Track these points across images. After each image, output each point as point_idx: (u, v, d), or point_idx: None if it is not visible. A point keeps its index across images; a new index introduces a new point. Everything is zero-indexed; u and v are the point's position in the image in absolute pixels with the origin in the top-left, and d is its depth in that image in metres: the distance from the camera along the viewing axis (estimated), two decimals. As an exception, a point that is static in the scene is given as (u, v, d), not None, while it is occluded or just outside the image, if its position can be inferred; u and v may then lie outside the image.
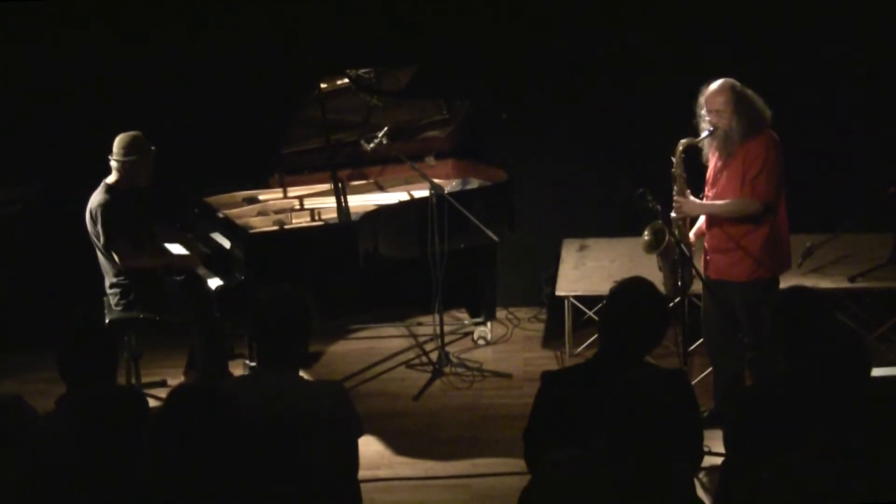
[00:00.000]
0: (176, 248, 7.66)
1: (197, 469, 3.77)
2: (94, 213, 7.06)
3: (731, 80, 6.32)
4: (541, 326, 8.73)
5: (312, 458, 4.25)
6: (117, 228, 7.05)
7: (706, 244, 6.60)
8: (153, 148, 7.16)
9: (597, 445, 3.79)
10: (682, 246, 6.37)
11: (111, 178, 7.13)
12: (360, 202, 7.79)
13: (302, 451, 4.24)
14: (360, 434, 4.55)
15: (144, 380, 7.55)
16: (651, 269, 6.61)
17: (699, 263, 6.55)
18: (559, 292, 7.94)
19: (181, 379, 7.51)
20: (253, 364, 7.36)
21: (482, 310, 8.47)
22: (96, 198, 7.10)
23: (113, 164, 7.10)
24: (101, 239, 7.04)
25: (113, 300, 7.22)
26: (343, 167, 7.96)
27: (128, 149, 7.06)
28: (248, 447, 3.95)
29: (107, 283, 7.23)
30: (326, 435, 4.32)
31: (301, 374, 4.58)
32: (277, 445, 4.21)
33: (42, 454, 4.34)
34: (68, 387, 4.58)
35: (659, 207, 6.35)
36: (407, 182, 8.23)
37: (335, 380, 7.12)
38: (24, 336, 8.24)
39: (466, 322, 8.67)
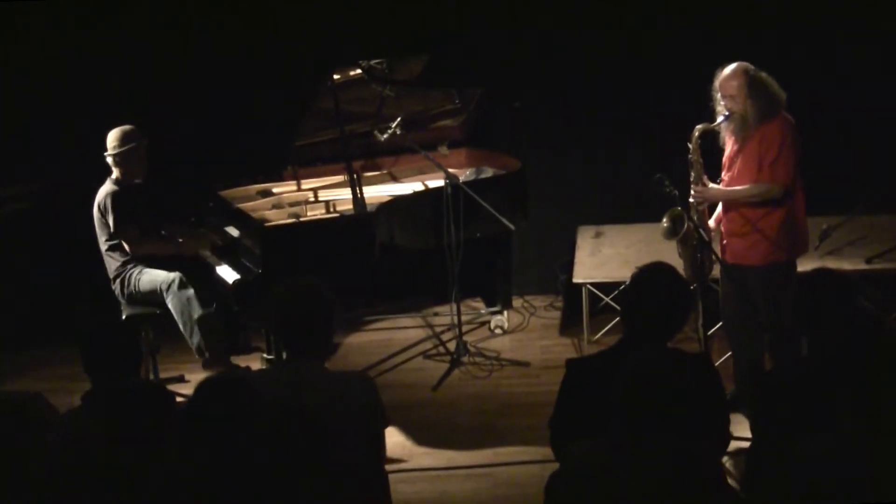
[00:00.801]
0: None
1: (226, 462, 3.79)
2: (102, 203, 7.28)
3: (744, 65, 6.34)
4: (557, 314, 8.77)
5: (341, 449, 4.28)
6: (126, 217, 7.25)
7: (722, 228, 6.63)
8: (145, 139, 7.30)
9: (619, 432, 3.83)
10: (701, 231, 6.40)
11: (115, 174, 7.34)
12: (375, 193, 7.82)
13: (331, 442, 4.27)
14: (386, 424, 4.60)
15: (162, 375, 7.60)
16: (667, 255, 6.60)
17: (718, 249, 6.58)
18: (576, 279, 7.96)
19: (199, 374, 7.53)
20: (270, 357, 7.41)
21: (498, 299, 8.50)
22: (104, 189, 7.33)
23: (108, 160, 7.28)
24: (111, 227, 7.22)
25: (116, 291, 7.34)
26: (357, 158, 7.99)
27: (119, 140, 7.27)
28: (276, 439, 3.98)
29: (111, 277, 7.36)
30: (355, 426, 4.36)
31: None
32: (306, 437, 4.24)
33: (68, 451, 4.37)
34: (94, 382, 4.60)
35: (676, 192, 6.36)
36: (421, 172, 8.25)
37: (361, 371, 7.16)
38: (34, 334, 8.29)
39: (483, 311, 8.70)
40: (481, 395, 7.45)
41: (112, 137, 7.28)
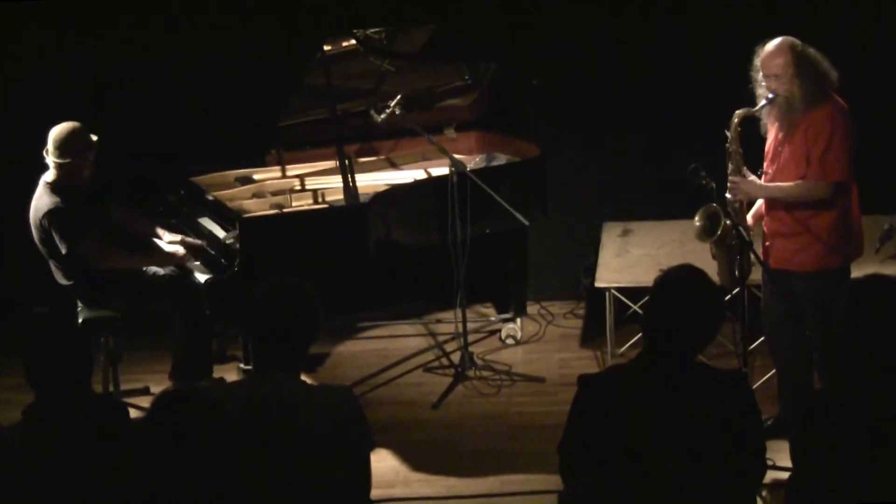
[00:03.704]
0: (162, 245, 7.64)
1: (186, 487, 3.79)
2: (43, 222, 7.07)
3: (790, 39, 6.32)
4: (578, 323, 8.76)
5: (318, 475, 4.28)
6: (77, 231, 7.08)
7: (765, 228, 6.60)
8: (95, 140, 7.14)
9: (633, 461, 3.83)
10: (741, 229, 6.38)
11: (50, 176, 7.13)
12: (371, 181, 7.84)
13: (305, 466, 4.27)
14: (372, 448, 4.58)
15: (124, 386, 7.58)
16: (703, 257, 6.62)
17: (758, 251, 6.56)
18: (599, 284, 7.95)
19: (166, 385, 7.55)
20: (248, 368, 7.41)
21: (511, 304, 8.49)
22: (42, 201, 7.10)
23: (49, 163, 7.11)
24: (63, 248, 7.06)
25: (80, 303, 7.31)
26: (351, 141, 8.00)
27: (67, 147, 7.05)
28: (243, 461, 3.97)
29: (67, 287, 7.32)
30: (334, 448, 4.35)
31: (303, 378, 4.62)
32: (277, 460, 4.24)
33: (7, 471, 4.37)
34: (37, 395, 4.59)
35: (714, 185, 6.35)
36: (424, 158, 8.27)
37: (343, 385, 7.14)
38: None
39: (493, 318, 8.70)
40: (489, 415, 7.46)
41: (55, 141, 7.02)
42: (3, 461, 4.40)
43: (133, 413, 5.21)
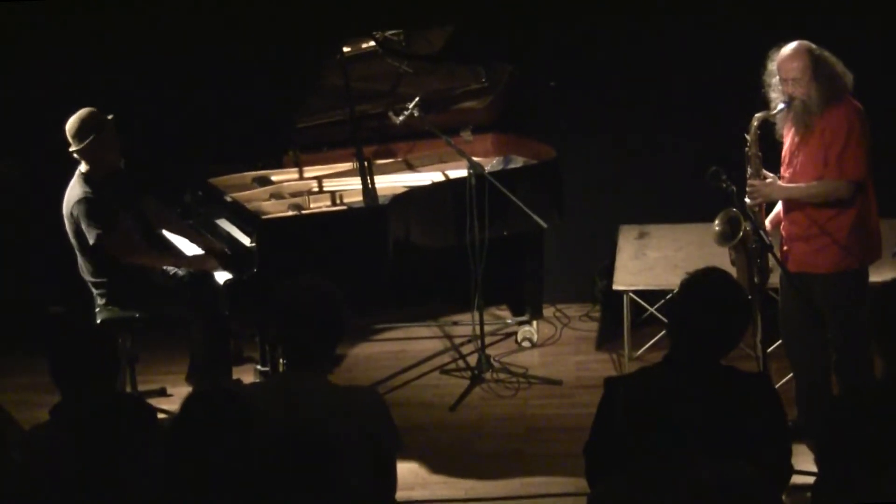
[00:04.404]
0: (183, 245, 7.68)
1: (216, 486, 3.82)
2: (73, 210, 7.10)
3: (806, 43, 6.33)
4: (594, 326, 8.79)
5: (345, 475, 4.28)
6: (105, 224, 7.09)
7: (783, 232, 6.62)
8: (110, 117, 7.16)
9: (658, 463, 3.85)
10: (761, 233, 6.38)
11: (84, 167, 7.18)
12: (389, 183, 7.86)
13: (333, 466, 4.27)
14: (400, 449, 4.62)
15: (141, 388, 7.61)
16: (721, 260, 6.60)
17: (777, 255, 6.57)
18: (616, 286, 7.95)
19: (183, 387, 7.57)
20: (265, 369, 7.43)
21: (527, 307, 8.52)
22: (74, 192, 7.14)
23: (75, 156, 7.15)
24: (91, 238, 7.07)
25: (101, 301, 7.30)
26: (369, 143, 8.01)
27: (78, 133, 7.09)
28: (272, 461, 3.99)
29: (90, 285, 7.32)
30: (363, 449, 4.38)
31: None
32: (305, 459, 4.25)
33: (36, 470, 4.40)
34: (64, 395, 4.63)
35: (734, 189, 6.34)
36: (441, 160, 8.28)
37: (369, 385, 7.17)
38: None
39: (509, 321, 8.72)
40: (506, 417, 7.47)
41: (70, 131, 7.09)
42: (32, 460, 4.44)
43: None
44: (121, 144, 7.25)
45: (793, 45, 6.34)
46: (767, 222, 6.65)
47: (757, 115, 6.47)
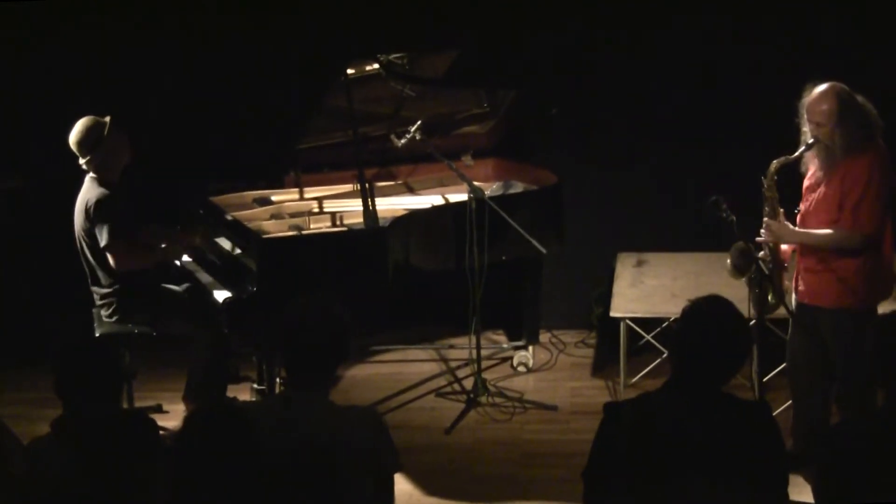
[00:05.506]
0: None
1: (219, 501, 3.84)
2: (90, 210, 7.14)
3: (838, 86, 6.25)
4: (590, 352, 8.80)
5: (348, 494, 4.31)
6: (116, 228, 7.13)
7: (798, 263, 6.61)
8: (106, 120, 7.19)
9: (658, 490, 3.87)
10: (760, 263, 6.38)
11: (95, 174, 7.23)
12: (389, 205, 7.89)
13: (333, 483, 4.30)
14: (398, 469, 4.63)
15: (138, 404, 7.62)
16: (720, 290, 6.61)
17: (792, 282, 6.59)
18: (614, 313, 7.95)
19: (179, 405, 7.59)
20: (262, 388, 7.44)
21: (524, 332, 8.54)
22: (92, 192, 7.18)
23: (85, 167, 7.20)
24: (103, 239, 7.11)
25: (105, 312, 7.31)
26: (370, 165, 8.04)
27: (86, 143, 7.14)
28: (274, 478, 4.01)
29: (97, 294, 7.32)
30: (363, 468, 4.40)
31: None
32: (306, 476, 4.27)
33: (38, 484, 4.41)
34: (66, 408, 4.64)
35: (734, 219, 6.34)
36: (442, 184, 8.32)
37: (370, 406, 7.18)
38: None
39: (505, 346, 8.74)
40: (501, 441, 7.47)
41: (73, 143, 7.14)
42: (35, 474, 4.45)
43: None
44: (128, 138, 7.30)
45: (824, 86, 6.25)
46: (786, 247, 6.65)
47: (774, 162, 6.38)
